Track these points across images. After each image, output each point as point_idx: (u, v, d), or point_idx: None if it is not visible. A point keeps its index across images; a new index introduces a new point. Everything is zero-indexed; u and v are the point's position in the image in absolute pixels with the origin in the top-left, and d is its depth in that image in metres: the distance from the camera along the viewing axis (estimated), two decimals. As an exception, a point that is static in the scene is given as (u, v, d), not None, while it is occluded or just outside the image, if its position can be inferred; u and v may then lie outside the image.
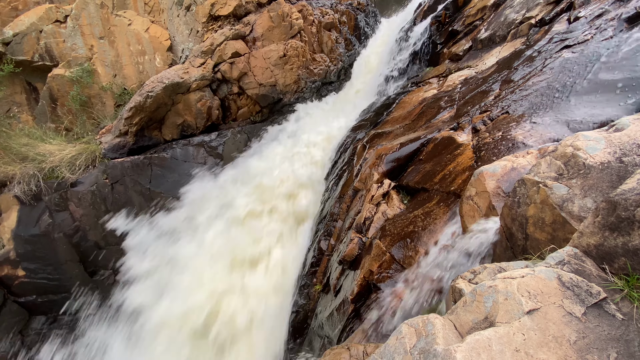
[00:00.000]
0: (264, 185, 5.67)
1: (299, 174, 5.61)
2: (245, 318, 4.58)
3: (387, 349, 1.36)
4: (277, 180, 5.61)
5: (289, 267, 4.94)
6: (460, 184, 2.93)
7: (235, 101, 7.56)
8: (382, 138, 4.31)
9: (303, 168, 5.71)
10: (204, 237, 5.48)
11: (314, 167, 5.69)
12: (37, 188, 6.29)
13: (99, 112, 7.68)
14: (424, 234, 2.96)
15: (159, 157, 6.74)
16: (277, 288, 4.81)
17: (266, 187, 5.62)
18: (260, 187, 5.70)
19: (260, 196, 5.59)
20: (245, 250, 5.12)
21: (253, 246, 5.15)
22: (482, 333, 1.09)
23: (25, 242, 6.26)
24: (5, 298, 6.30)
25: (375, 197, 3.81)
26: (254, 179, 5.91)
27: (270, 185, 5.59)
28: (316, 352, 4.12)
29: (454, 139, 3.48)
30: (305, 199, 5.39)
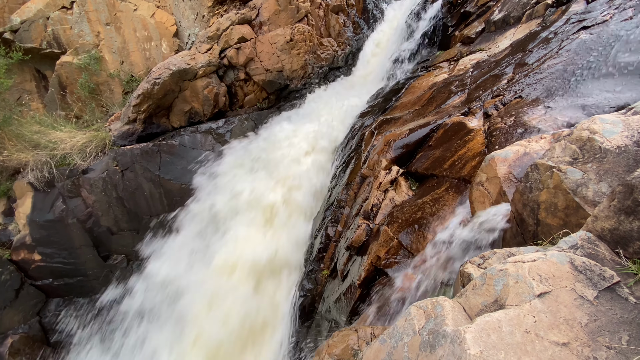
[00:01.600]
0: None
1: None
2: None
3: (395, 330, 1.38)
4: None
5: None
6: (470, 170, 2.89)
7: (242, 88, 7.51)
8: (391, 124, 4.26)
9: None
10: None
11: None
12: (50, 175, 6.41)
13: (108, 100, 7.72)
14: (433, 220, 2.95)
15: (168, 144, 6.79)
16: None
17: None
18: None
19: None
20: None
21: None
22: (492, 315, 1.10)
23: (40, 227, 6.44)
24: (22, 281, 6.54)
25: (383, 184, 3.80)
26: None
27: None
28: (323, 334, 4.21)
29: (464, 124, 3.42)
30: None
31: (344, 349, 2.20)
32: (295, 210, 5.38)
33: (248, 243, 5.17)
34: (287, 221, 5.23)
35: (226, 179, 6.15)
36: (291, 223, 5.23)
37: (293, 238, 5.12)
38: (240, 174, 6.08)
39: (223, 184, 6.11)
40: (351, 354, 2.16)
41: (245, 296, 4.78)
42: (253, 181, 5.80)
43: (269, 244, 5.12)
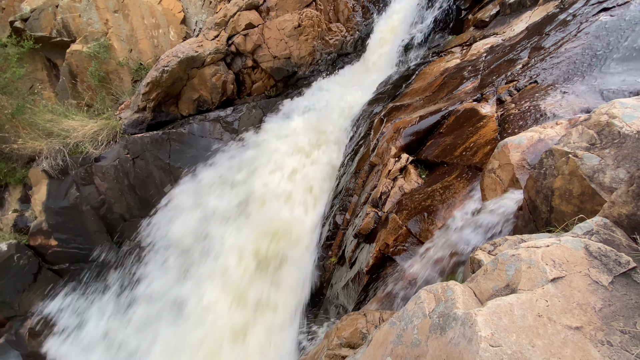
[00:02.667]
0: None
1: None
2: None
3: (405, 313, 1.39)
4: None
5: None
6: (482, 157, 2.85)
7: (249, 75, 7.46)
8: (401, 111, 4.20)
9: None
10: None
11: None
12: (64, 163, 6.54)
13: (117, 88, 7.77)
14: (442, 208, 2.93)
15: (177, 132, 6.83)
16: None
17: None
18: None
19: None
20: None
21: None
22: (503, 299, 1.10)
23: (56, 214, 6.61)
24: (40, 266, 6.77)
25: (392, 172, 3.77)
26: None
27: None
28: (331, 319, 4.29)
29: (477, 110, 3.35)
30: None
31: (353, 332, 2.24)
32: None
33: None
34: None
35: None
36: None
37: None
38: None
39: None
40: (359, 337, 2.20)
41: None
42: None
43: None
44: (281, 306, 4.60)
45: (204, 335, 4.66)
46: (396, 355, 1.31)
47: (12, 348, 6.21)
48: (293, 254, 4.93)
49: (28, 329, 6.36)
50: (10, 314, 6.34)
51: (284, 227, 5.13)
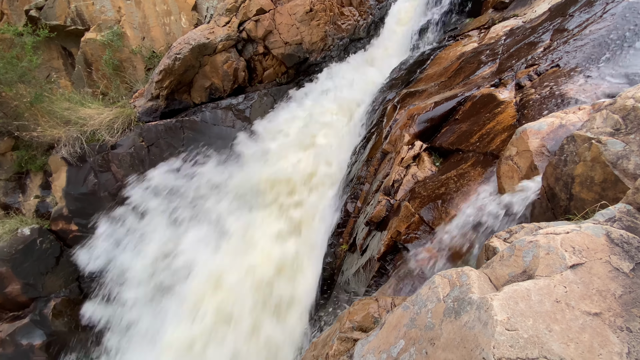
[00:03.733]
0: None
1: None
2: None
3: (419, 297, 1.40)
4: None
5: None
6: (499, 144, 2.78)
7: (260, 62, 7.42)
8: (415, 97, 4.12)
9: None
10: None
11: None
12: (82, 150, 6.71)
13: (131, 76, 7.85)
14: (457, 196, 2.90)
15: (190, 120, 6.89)
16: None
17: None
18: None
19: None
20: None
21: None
22: (520, 284, 1.09)
23: (75, 199, 6.83)
24: (62, 250, 7.05)
25: (405, 160, 3.73)
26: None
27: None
28: (342, 305, 4.35)
29: (494, 96, 3.26)
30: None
31: (365, 316, 2.27)
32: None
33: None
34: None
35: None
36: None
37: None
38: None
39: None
40: (371, 321, 2.23)
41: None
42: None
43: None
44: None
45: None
46: (409, 338, 1.33)
47: (37, 327, 6.54)
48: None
49: (52, 309, 6.68)
50: (34, 295, 6.66)
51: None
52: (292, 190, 5.55)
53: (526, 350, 0.90)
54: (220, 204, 6.01)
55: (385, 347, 1.47)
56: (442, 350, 1.12)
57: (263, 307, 4.57)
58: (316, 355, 2.49)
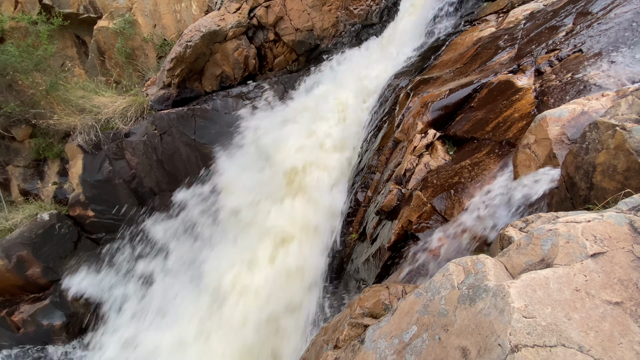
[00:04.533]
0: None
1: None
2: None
3: (432, 285, 1.40)
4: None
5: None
6: (516, 133, 2.71)
7: (271, 49, 7.35)
8: (429, 84, 4.02)
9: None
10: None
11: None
12: (96, 138, 6.84)
13: (143, 65, 7.90)
14: (470, 185, 2.85)
15: (201, 108, 6.93)
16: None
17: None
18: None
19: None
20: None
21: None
22: (538, 272, 1.07)
23: (92, 186, 7.01)
24: (79, 234, 7.28)
25: (418, 148, 3.68)
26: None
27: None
28: (351, 292, 4.39)
29: (512, 83, 3.16)
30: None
31: (375, 302, 2.28)
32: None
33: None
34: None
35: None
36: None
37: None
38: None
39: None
40: (382, 308, 2.24)
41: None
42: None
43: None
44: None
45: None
46: (422, 324, 1.33)
47: (57, 309, 6.83)
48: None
49: (71, 291, 6.94)
50: (54, 278, 6.93)
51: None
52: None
53: (544, 337, 0.89)
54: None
55: (397, 333, 1.48)
56: (455, 336, 1.11)
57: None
58: (326, 339, 2.53)
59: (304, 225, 5.08)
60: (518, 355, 0.87)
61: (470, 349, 1.03)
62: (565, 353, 0.85)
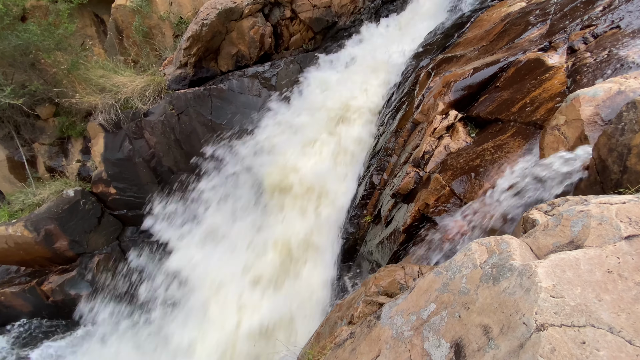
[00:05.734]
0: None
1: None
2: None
3: (453, 264, 1.39)
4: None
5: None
6: (544, 114, 2.59)
7: (287, 27, 7.19)
8: (452, 63, 3.86)
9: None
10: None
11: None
12: (117, 117, 6.98)
13: (160, 44, 7.89)
14: (492, 168, 2.77)
15: (217, 88, 6.92)
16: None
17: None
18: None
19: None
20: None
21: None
22: (568, 253, 1.04)
23: (113, 164, 7.21)
24: (103, 211, 7.58)
25: (438, 130, 3.58)
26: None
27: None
28: (364, 273, 4.44)
29: (542, 61, 3.00)
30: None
31: (391, 282, 2.30)
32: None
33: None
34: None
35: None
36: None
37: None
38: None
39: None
40: (397, 287, 2.26)
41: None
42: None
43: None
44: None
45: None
46: (441, 302, 1.33)
47: (83, 280, 7.22)
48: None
49: (95, 264, 7.32)
50: (80, 251, 7.29)
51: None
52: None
53: (572, 317, 0.87)
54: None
55: (414, 310, 1.49)
56: (477, 314, 1.11)
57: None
58: (340, 316, 2.59)
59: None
60: (544, 334, 0.86)
61: (492, 326, 1.02)
62: (595, 333, 0.83)
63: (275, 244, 5.16)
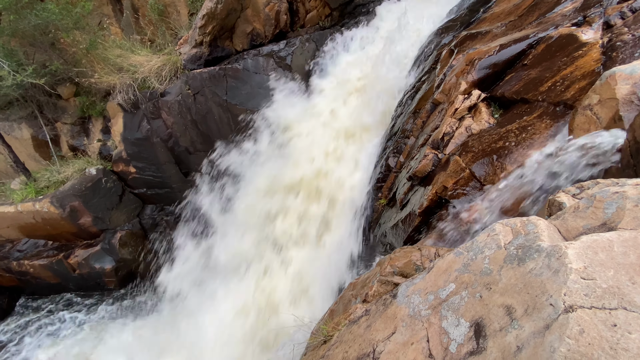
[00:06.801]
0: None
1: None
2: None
3: (475, 244, 1.36)
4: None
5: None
6: (575, 93, 2.45)
7: (303, 3, 6.98)
8: (477, 40, 3.68)
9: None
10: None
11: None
12: (134, 97, 7.05)
13: (175, 22, 7.83)
14: (516, 151, 2.67)
15: (232, 68, 6.86)
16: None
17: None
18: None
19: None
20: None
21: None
22: (601, 235, 1.00)
23: (132, 144, 7.37)
24: (123, 189, 7.83)
25: (460, 111, 3.46)
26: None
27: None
28: (378, 255, 4.46)
29: (575, 37, 2.81)
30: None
31: (407, 263, 2.30)
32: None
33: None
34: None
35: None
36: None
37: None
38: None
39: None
40: (413, 268, 2.26)
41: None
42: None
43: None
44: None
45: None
46: (461, 282, 1.32)
47: (107, 254, 7.57)
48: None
49: (118, 240, 7.64)
50: (103, 227, 7.60)
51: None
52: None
53: (603, 300, 0.85)
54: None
55: (432, 289, 1.49)
56: (499, 294, 1.09)
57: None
58: (355, 294, 2.62)
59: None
60: (573, 315, 0.84)
61: (515, 307, 1.01)
62: (627, 316, 0.81)
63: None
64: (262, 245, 5.43)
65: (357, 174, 5.18)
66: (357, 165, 5.32)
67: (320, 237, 5.06)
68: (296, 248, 5.14)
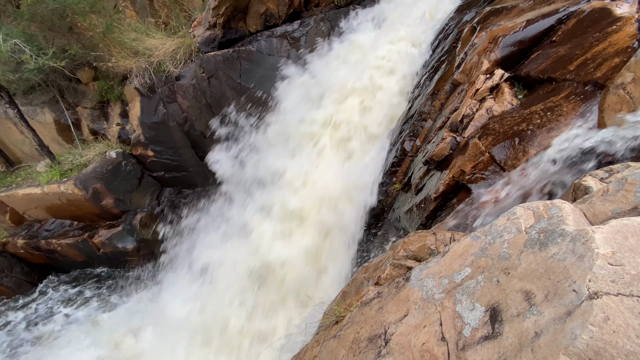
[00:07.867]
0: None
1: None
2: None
3: (493, 228, 1.32)
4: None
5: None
6: (607, 72, 2.29)
7: (319, -18, 6.75)
8: (501, 16, 3.47)
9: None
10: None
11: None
12: (151, 81, 7.12)
13: (189, 4, 7.76)
14: (540, 133, 2.55)
15: (246, 50, 6.79)
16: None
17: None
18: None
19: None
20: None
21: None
22: (632, 219, 0.94)
23: (149, 128, 7.50)
24: (142, 172, 8.04)
25: (481, 91, 3.32)
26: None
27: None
28: (390, 240, 4.44)
29: (609, 11, 2.61)
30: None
31: (421, 247, 2.27)
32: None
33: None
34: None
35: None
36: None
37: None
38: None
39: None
40: (427, 252, 2.24)
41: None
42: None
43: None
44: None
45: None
46: (477, 266, 1.29)
47: (128, 235, 7.87)
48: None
49: (139, 221, 7.92)
50: (124, 209, 7.88)
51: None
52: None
53: (631, 286, 0.81)
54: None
55: (447, 273, 1.46)
56: (518, 279, 1.06)
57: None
58: (367, 277, 2.63)
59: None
60: (597, 302, 0.80)
61: (535, 292, 0.98)
62: (657, 304, 0.76)
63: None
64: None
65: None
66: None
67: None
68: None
